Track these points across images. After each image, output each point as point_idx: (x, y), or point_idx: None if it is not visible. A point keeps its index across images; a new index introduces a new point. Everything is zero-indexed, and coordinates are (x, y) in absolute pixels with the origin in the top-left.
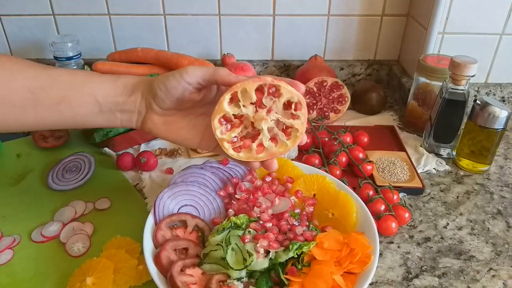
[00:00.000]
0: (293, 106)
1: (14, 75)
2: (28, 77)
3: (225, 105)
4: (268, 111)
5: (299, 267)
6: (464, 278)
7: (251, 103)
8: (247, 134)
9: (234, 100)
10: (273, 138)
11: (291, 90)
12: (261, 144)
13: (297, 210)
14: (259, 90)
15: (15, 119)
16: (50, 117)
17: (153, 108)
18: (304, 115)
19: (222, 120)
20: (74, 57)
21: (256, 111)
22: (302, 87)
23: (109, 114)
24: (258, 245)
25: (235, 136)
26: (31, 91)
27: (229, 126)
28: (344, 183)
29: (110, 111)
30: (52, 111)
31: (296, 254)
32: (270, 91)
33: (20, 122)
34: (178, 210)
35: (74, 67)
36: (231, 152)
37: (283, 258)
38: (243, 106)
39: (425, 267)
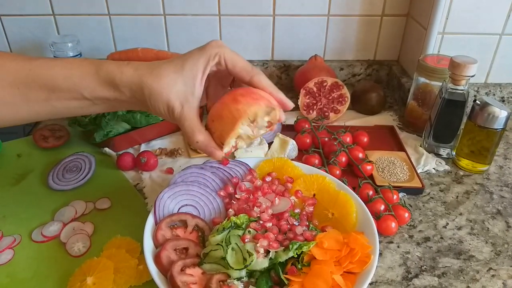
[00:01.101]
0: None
1: None
2: (10, 72)
3: (239, 130)
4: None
5: (299, 266)
6: (463, 278)
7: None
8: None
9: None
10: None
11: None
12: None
13: (297, 210)
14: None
15: (10, 116)
16: (44, 111)
17: None
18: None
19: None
20: (75, 57)
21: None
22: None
23: (104, 105)
24: (258, 245)
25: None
26: (18, 87)
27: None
28: (344, 183)
29: (103, 103)
30: (44, 106)
31: (296, 254)
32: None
33: (16, 118)
34: (178, 210)
35: None
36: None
37: (283, 258)
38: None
39: (424, 267)
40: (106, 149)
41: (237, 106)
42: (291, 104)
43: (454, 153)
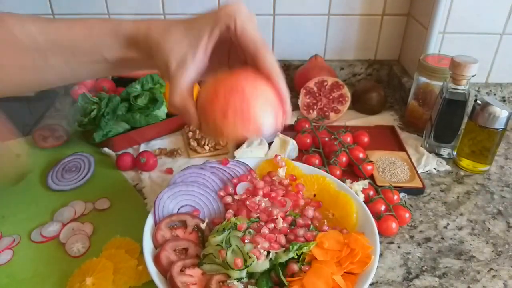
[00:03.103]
0: None
1: (19, 36)
2: (30, 36)
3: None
4: None
5: (299, 267)
6: (464, 278)
7: None
8: None
9: None
10: None
11: None
12: None
13: (297, 210)
14: None
15: (33, 80)
16: (66, 74)
17: None
18: None
19: None
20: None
21: None
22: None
23: (124, 66)
24: (259, 246)
25: None
26: (37, 51)
27: None
28: (344, 183)
29: (123, 64)
30: (65, 69)
31: (296, 254)
32: None
33: (40, 82)
34: (178, 210)
35: None
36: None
37: (283, 258)
38: None
39: (425, 267)
40: (106, 149)
41: (224, 125)
42: (288, 108)
43: (455, 153)
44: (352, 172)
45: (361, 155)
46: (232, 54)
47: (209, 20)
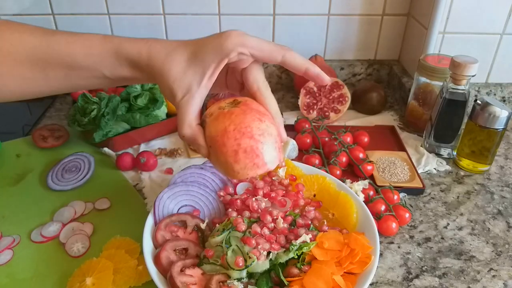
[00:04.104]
0: None
1: (17, 46)
2: (29, 48)
3: None
4: None
5: (299, 266)
6: (464, 278)
7: None
8: None
9: None
10: None
11: None
12: None
13: (297, 210)
14: None
15: (30, 90)
16: (64, 86)
17: None
18: None
19: None
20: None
21: None
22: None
23: (123, 82)
24: (260, 247)
25: None
26: (37, 63)
27: None
28: (345, 183)
29: (123, 81)
30: (64, 82)
31: (296, 254)
32: None
33: (36, 92)
34: (178, 210)
35: None
36: None
37: (283, 258)
38: None
39: (425, 267)
40: (106, 149)
41: (235, 164)
42: (327, 78)
43: (455, 153)
44: (352, 172)
45: (361, 155)
46: (230, 74)
47: (216, 50)
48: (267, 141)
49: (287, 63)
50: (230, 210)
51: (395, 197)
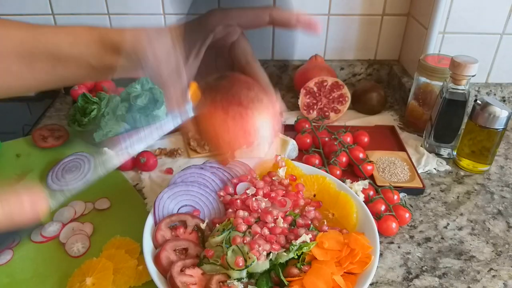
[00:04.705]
0: None
1: (3, 40)
2: (15, 41)
3: None
4: None
5: (299, 266)
6: (464, 278)
7: None
8: None
9: None
10: None
11: None
12: None
13: (297, 210)
14: None
15: (17, 84)
16: (51, 79)
17: None
18: None
19: None
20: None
21: None
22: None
23: (110, 72)
24: (260, 248)
25: None
26: (23, 56)
27: None
28: (345, 183)
29: (109, 71)
30: (50, 74)
31: (296, 254)
32: None
33: (23, 86)
34: (178, 210)
35: None
36: None
37: (283, 259)
38: None
39: (425, 267)
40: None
41: (225, 135)
42: (319, 26)
43: (455, 153)
44: (352, 172)
45: (361, 155)
46: (218, 56)
47: (201, 28)
48: (257, 108)
49: (276, 20)
50: (230, 210)
51: (395, 197)
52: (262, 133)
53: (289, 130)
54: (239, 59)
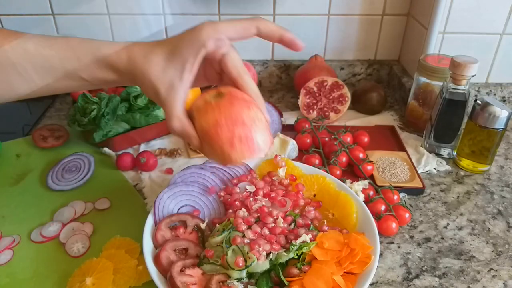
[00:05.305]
0: None
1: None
2: (6, 51)
3: None
4: None
5: (299, 266)
6: (464, 278)
7: None
8: None
9: None
10: None
11: None
12: None
13: (297, 210)
14: None
15: (6, 92)
16: (41, 89)
17: None
18: None
19: None
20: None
21: None
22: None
23: (102, 85)
24: (260, 248)
25: None
26: (13, 66)
27: None
28: (345, 183)
29: (101, 83)
30: (41, 85)
31: (296, 254)
32: None
33: (12, 95)
34: (178, 210)
35: None
36: None
37: (283, 259)
38: None
39: (425, 267)
40: (106, 149)
41: (232, 152)
42: (300, 44)
43: (455, 153)
44: (352, 172)
45: (361, 155)
46: (207, 66)
47: (193, 43)
48: (258, 126)
49: (262, 33)
50: (230, 211)
51: (395, 197)
52: (262, 146)
53: (289, 130)
54: (230, 71)
